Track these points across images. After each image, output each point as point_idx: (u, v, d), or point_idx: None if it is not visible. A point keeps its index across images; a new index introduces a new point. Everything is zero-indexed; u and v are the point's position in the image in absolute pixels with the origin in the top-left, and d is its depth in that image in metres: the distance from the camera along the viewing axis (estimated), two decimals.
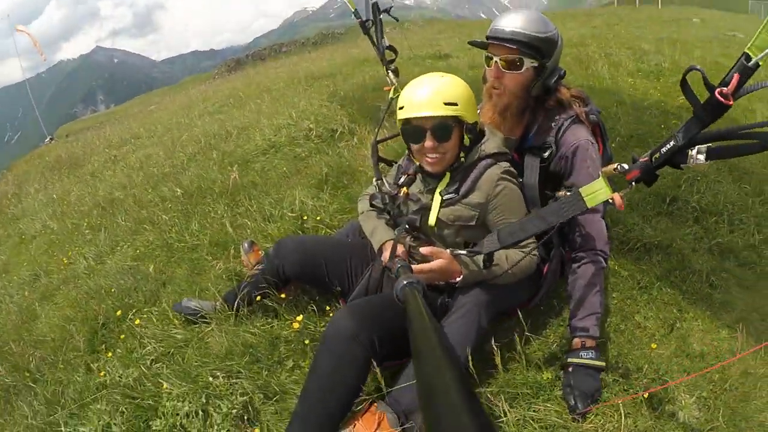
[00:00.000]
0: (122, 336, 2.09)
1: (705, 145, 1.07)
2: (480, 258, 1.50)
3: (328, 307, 2.02)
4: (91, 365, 1.98)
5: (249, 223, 2.93)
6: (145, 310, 2.27)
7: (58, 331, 2.27)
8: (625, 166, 1.22)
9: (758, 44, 0.93)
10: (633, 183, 1.21)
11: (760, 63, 0.94)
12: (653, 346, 1.74)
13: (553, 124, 1.75)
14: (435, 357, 0.62)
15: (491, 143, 1.68)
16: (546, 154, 1.75)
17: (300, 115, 5.30)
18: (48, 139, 17.16)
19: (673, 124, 3.41)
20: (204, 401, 1.67)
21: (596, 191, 1.20)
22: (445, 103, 1.51)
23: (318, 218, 2.81)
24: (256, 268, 2.03)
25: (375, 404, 1.44)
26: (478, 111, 1.81)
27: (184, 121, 7.62)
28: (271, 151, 4.49)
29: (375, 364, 1.40)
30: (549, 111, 1.77)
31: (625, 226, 2.42)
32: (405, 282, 1.16)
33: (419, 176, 1.76)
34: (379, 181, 1.91)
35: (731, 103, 0.98)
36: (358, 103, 5.34)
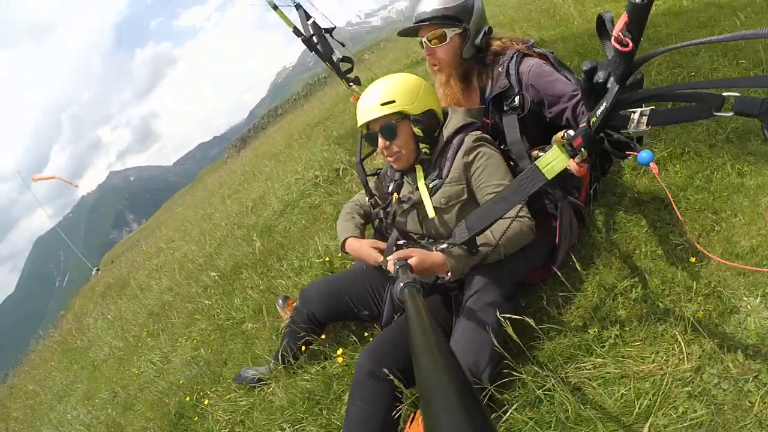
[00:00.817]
0: (196, 418, 2.22)
1: (648, 109, 1.00)
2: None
3: (366, 333, 2.06)
4: None
5: (283, 282, 3.07)
6: (212, 390, 2.41)
7: None
8: (571, 133, 1.18)
9: None
10: (583, 149, 1.16)
11: None
12: (692, 260, 1.62)
13: (500, 69, 1.81)
14: (434, 357, 0.62)
15: (453, 121, 1.72)
16: (516, 101, 1.77)
17: (305, 166, 5.56)
18: (95, 270, 17.54)
19: (651, 34, 3.25)
20: None
21: (553, 161, 1.14)
22: (382, 104, 1.61)
23: (339, 255, 2.90)
24: (287, 321, 2.12)
25: (419, 410, 1.44)
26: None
27: (207, 211, 8.14)
28: (288, 209, 4.73)
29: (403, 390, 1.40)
30: (492, 65, 1.84)
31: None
32: (403, 283, 1.15)
33: (405, 177, 1.82)
34: (371, 199, 1.97)
35: (629, 49, 0.86)
36: (352, 136, 5.53)
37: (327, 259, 2.93)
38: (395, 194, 1.81)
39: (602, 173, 2.20)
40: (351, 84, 1.93)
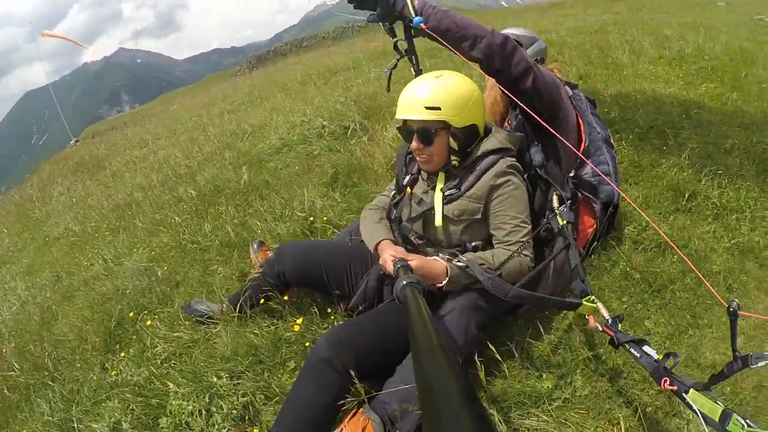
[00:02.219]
0: (134, 337, 2.17)
1: None
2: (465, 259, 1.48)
3: (329, 309, 2.03)
4: (106, 364, 2.07)
5: (259, 223, 2.98)
6: (158, 311, 2.34)
7: (76, 331, 2.38)
8: (609, 319, 1.34)
9: None
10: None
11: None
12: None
13: None
14: (435, 358, 0.62)
15: (492, 141, 1.67)
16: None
17: (314, 112, 5.33)
18: (73, 141, 16.79)
19: (694, 114, 3.24)
20: (207, 401, 1.72)
21: (588, 306, 1.38)
22: (426, 108, 1.52)
23: (325, 218, 2.82)
24: (258, 270, 2.07)
25: (362, 408, 1.44)
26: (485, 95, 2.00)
27: (203, 120, 7.78)
28: (285, 149, 4.55)
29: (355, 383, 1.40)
30: None
31: (639, 224, 2.32)
32: (404, 282, 1.12)
33: (422, 173, 1.76)
34: (394, 192, 1.89)
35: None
36: (371, 99, 5.32)
37: (311, 218, 2.85)
38: (409, 189, 1.77)
39: (605, 233, 2.21)
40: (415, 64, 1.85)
